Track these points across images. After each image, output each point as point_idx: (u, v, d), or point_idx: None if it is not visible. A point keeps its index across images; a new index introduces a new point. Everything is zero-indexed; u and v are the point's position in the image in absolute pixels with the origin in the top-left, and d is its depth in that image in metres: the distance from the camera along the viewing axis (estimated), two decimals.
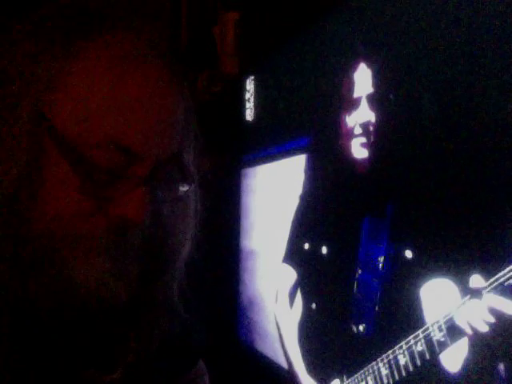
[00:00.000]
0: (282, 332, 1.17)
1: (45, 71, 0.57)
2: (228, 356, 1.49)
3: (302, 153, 1.10)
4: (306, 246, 1.06)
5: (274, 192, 1.26)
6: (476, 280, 0.67)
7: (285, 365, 1.16)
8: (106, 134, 0.56)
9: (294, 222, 1.13)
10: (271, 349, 1.24)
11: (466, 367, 0.68)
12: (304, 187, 1.09)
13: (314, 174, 1.06)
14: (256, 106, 1.47)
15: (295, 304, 1.11)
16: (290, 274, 1.14)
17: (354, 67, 0.91)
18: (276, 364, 1.20)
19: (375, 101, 0.85)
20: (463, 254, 0.69)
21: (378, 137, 0.86)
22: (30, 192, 0.56)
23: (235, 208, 1.52)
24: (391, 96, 0.82)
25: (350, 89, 0.90)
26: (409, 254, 0.76)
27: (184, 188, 0.63)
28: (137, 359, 0.64)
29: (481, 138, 0.68)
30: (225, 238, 1.54)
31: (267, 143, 1.34)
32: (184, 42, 2.17)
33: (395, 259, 0.79)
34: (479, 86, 0.68)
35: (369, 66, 0.88)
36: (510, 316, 0.62)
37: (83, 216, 0.56)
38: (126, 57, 0.58)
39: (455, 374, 0.70)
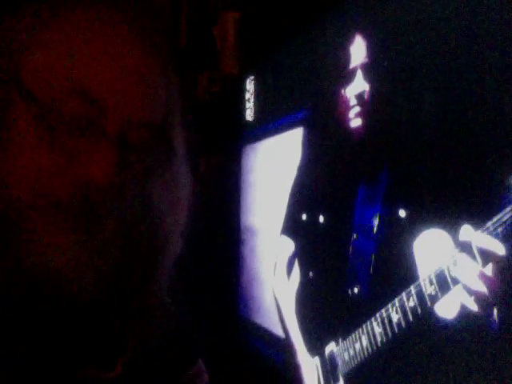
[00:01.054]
0: (280, 303, 1.19)
1: (15, 33, 0.57)
2: (228, 355, 1.49)
3: (301, 125, 1.14)
4: (304, 216, 1.09)
5: (275, 167, 1.29)
6: (466, 230, 0.70)
7: (283, 335, 1.19)
8: (72, 83, 0.56)
9: (292, 193, 1.16)
10: (270, 321, 1.27)
11: (458, 317, 0.71)
12: (302, 159, 1.13)
13: (311, 145, 1.10)
14: (256, 105, 1.49)
15: (293, 274, 1.14)
16: (288, 246, 1.17)
17: (350, 39, 0.95)
18: (275, 336, 1.23)
19: (370, 70, 0.89)
20: (454, 207, 0.72)
21: (372, 106, 0.89)
22: None
23: (236, 185, 1.54)
24: (385, 63, 0.86)
25: (346, 61, 0.95)
26: (402, 213, 0.79)
27: (166, 163, 0.62)
28: (135, 357, 0.63)
29: (467, 102, 0.72)
30: (226, 215, 1.56)
31: (267, 119, 1.37)
32: (184, 42, 2.22)
33: (390, 219, 0.82)
34: (470, 55, 0.71)
35: (364, 37, 0.92)
36: (499, 258, 0.65)
37: (47, 175, 0.55)
38: (102, 20, 0.59)
39: (448, 324, 0.73)
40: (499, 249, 0.65)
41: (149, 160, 0.61)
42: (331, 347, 0.98)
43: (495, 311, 0.66)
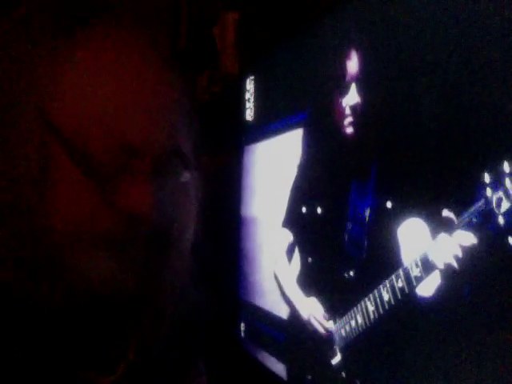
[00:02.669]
0: (282, 283, 1.32)
1: (44, 67, 0.60)
2: (228, 356, 1.58)
3: (301, 127, 1.25)
4: (304, 209, 1.22)
5: (276, 166, 1.39)
6: (446, 216, 0.81)
7: (283, 315, 1.32)
8: (107, 130, 0.60)
9: (292, 189, 1.28)
10: (268, 303, 1.41)
11: (437, 294, 0.83)
12: (301, 158, 1.25)
13: (310, 146, 1.22)
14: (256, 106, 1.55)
15: (293, 261, 1.27)
16: (289, 237, 1.30)
17: (346, 55, 1.06)
18: (276, 317, 1.36)
19: (362, 85, 1.02)
20: (433, 199, 0.84)
21: (364, 117, 1.02)
22: (36, 190, 0.59)
23: (238, 182, 1.63)
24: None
25: (343, 71, 1.07)
26: (389, 204, 0.93)
27: (185, 177, 0.68)
28: (137, 358, 0.66)
29: (444, 103, 0.82)
30: (229, 209, 1.65)
31: (267, 119, 1.47)
32: (184, 42, 2.28)
33: (379, 210, 0.95)
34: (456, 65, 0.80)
35: (358, 53, 1.04)
36: (474, 249, 0.77)
37: (90, 212, 0.59)
38: (126, 51, 0.63)
39: (429, 300, 0.85)
40: (472, 237, 0.77)
41: (170, 178, 0.66)
42: (329, 325, 1.14)
43: (467, 289, 0.78)
